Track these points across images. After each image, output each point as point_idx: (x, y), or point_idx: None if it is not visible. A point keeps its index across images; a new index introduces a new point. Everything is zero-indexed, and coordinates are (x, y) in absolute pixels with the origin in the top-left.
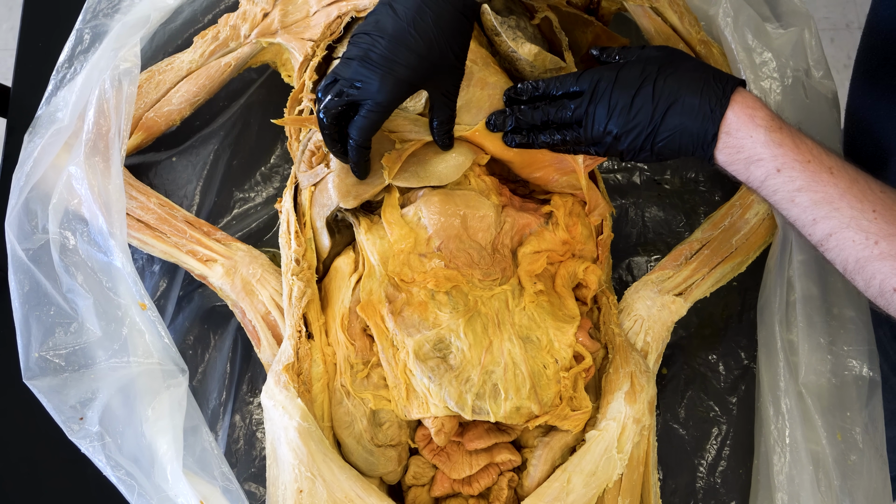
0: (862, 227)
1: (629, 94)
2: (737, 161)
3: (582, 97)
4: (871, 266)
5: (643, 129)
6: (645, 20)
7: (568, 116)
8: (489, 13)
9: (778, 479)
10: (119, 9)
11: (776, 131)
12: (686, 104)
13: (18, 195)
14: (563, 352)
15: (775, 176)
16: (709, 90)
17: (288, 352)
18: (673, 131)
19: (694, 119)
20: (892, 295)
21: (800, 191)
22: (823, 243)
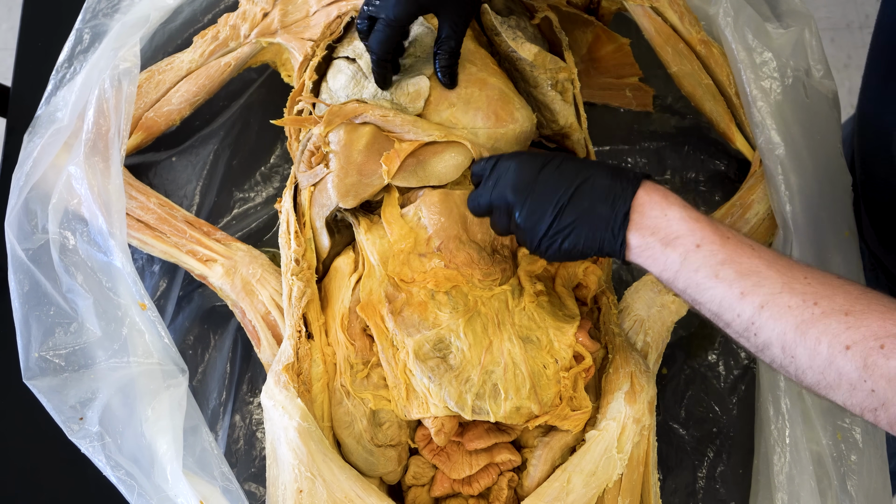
0: (796, 291)
1: (534, 170)
2: (651, 247)
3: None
4: (814, 328)
5: (550, 208)
6: (645, 20)
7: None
8: (489, 13)
9: (778, 479)
10: (119, 8)
11: (690, 209)
12: (596, 186)
13: (18, 195)
14: (563, 352)
15: (695, 252)
16: (619, 172)
17: (288, 352)
18: (581, 212)
19: (604, 200)
20: (843, 356)
21: (723, 264)
22: (755, 320)
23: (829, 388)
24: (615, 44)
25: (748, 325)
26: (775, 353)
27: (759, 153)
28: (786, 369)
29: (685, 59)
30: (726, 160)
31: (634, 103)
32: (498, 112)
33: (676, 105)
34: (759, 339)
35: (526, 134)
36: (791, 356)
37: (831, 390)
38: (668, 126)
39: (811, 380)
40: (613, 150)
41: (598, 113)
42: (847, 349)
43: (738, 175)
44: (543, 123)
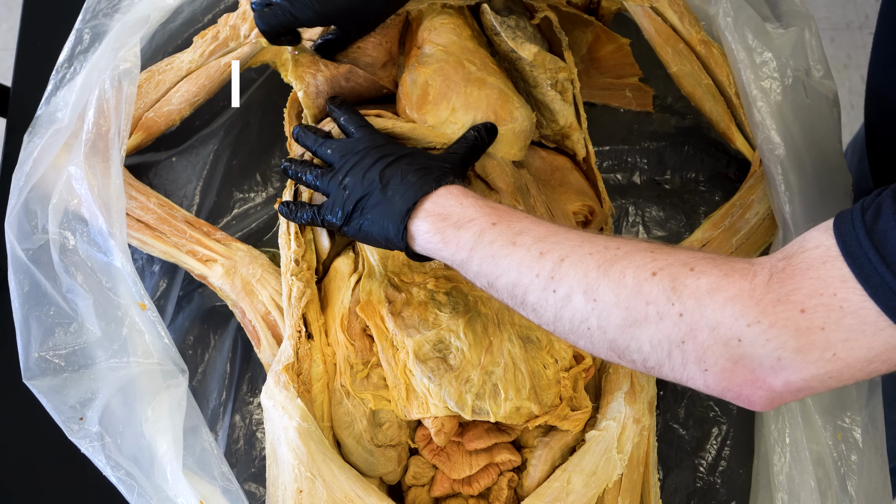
0: (597, 242)
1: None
2: (442, 231)
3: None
4: (618, 265)
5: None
6: (645, 20)
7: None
8: (489, 13)
9: (778, 479)
10: (119, 8)
11: (489, 202)
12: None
13: (18, 195)
14: (563, 352)
15: (491, 229)
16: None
17: (288, 352)
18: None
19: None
20: (650, 282)
21: (520, 234)
22: (555, 273)
23: (636, 324)
24: (615, 44)
25: (548, 281)
26: (577, 304)
27: (759, 153)
28: (588, 322)
29: (685, 59)
30: (726, 160)
31: (634, 103)
32: (497, 111)
33: (676, 105)
34: (559, 294)
35: (525, 133)
36: (594, 300)
37: (638, 326)
38: (668, 126)
39: (616, 320)
40: (613, 150)
41: (598, 113)
42: (654, 275)
43: (738, 175)
44: (543, 123)
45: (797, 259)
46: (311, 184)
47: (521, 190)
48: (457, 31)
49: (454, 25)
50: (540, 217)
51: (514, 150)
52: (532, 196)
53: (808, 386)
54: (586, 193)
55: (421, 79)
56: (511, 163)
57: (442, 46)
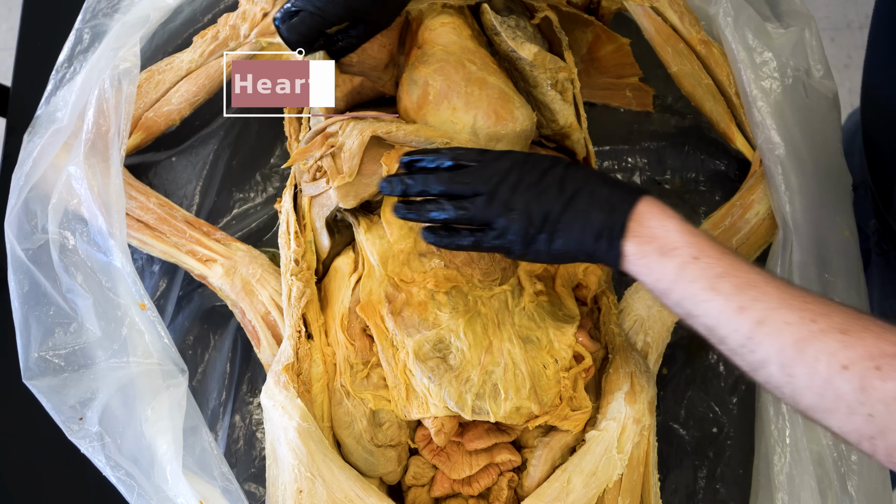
0: (794, 307)
1: (538, 171)
2: (647, 255)
3: (481, 167)
4: (812, 346)
5: (546, 213)
6: (645, 20)
7: (465, 186)
8: (489, 13)
9: (778, 479)
10: (119, 8)
11: (688, 224)
12: (595, 194)
13: (18, 195)
14: (563, 352)
15: (693, 263)
16: (618, 185)
17: (287, 352)
18: (575, 218)
19: (602, 208)
20: (841, 377)
21: (720, 277)
22: (753, 335)
23: (827, 412)
24: (615, 44)
25: (745, 340)
26: (772, 371)
27: (759, 153)
28: (781, 389)
29: (685, 59)
30: (726, 160)
31: (634, 103)
32: (498, 111)
33: (676, 105)
34: (755, 356)
35: (526, 133)
36: (789, 375)
37: (829, 413)
38: (668, 126)
39: (808, 401)
40: (613, 150)
41: (598, 113)
42: (845, 369)
43: (738, 175)
44: (543, 123)
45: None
46: (458, 218)
47: None
48: (457, 31)
49: (454, 25)
50: (727, 249)
51: (515, 150)
52: None
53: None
54: None
55: (421, 79)
56: None
57: (442, 46)
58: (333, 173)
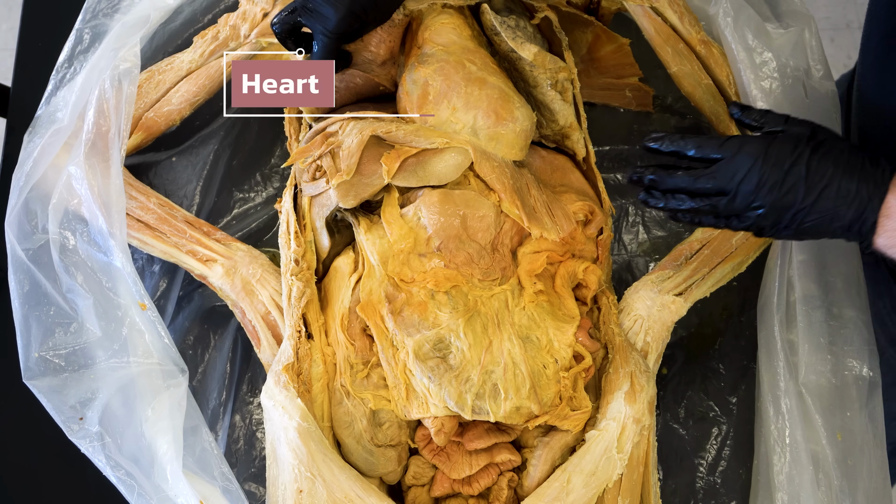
0: None
1: (780, 170)
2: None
3: (721, 166)
4: None
5: (792, 210)
6: (645, 20)
7: (706, 187)
8: (489, 13)
9: (778, 479)
10: (119, 9)
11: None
12: (842, 189)
13: (18, 195)
14: (563, 352)
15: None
16: (865, 175)
17: (288, 352)
18: (823, 214)
19: (849, 205)
20: None
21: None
22: None
23: None
24: (615, 44)
25: None
26: None
27: None
28: None
29: (685, 59)
30: None
31: (634, 103)
32: (498, 111)
33: (676, 105)
34: None
35: (526, 132)
36: None
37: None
38: (668, 126)
39: None
40: (613, 150)
41: (598, 113)
42: None
43: None
44: (543, 123)
45: None
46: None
47: (521, 190)
48: (457, 31)
49: (454, 25)
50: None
51: (515, 150)
52: (532, 196)
53: None
54: (586, 193)
55: (421, 78)
56: (511, 163)
57: (442, 46)
58: (333, 172)
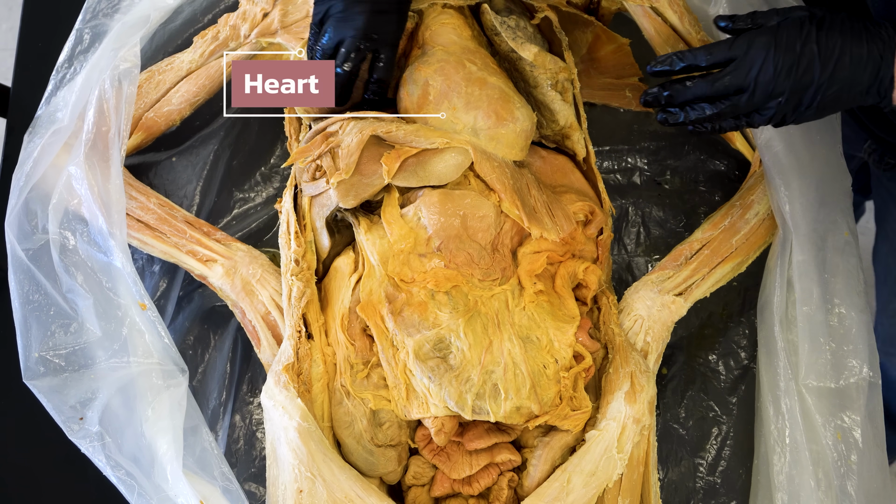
0: None
1: (793, 54)
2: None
3: (736, 65)
4: None
5: (812, 88)
6: (645, 20)
7: (725, 87)
8: (489, 13)
9: (778, 479)
10: (119, 9)
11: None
12: (854, 55)
13: (18, 195)
14: (563, 352)
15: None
16: (872, 37)
17: (288, 352)
18: (842, 84)
19: (864, 68)
20: None
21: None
22: None
23: None
24: (615, 44)
25: None
26: None
27: (759, 153)
28: None
29: None
30: (726, 160)
31: (634, 103)
32: (498, 111)
33: None
34: None
35: (526, 133)
36: None
37: None
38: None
39: None
40: (613, 150)
41: (598, 113)
42: None
43: (738, 175)
44: (543, 123)
45: None
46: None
47: (521, 190)
48: (457, 32)
49: (454, 25)
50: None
51: (515, 150)
52: (532, 196)
53: None
54: (586, 193)
55: (421, 78)
56: (512, 163)
57: (442, 46)
58: (332, 172)
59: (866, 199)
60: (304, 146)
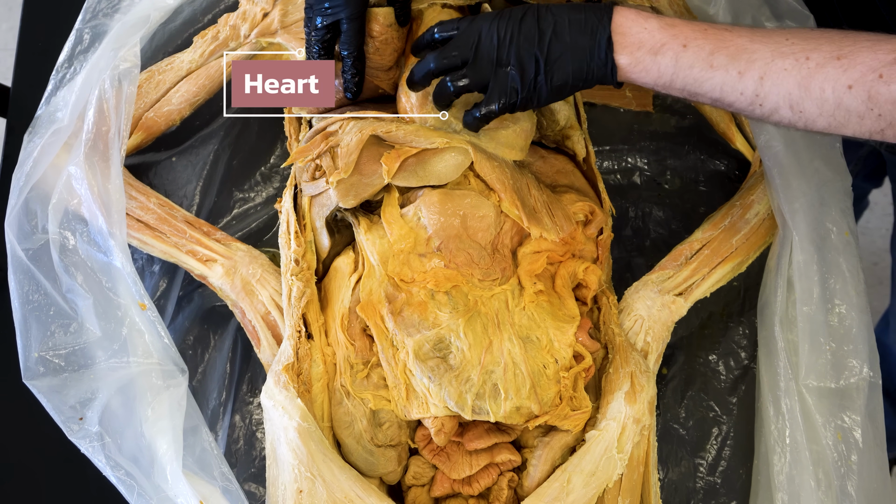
0: (785, 54)
1: (515, 21)
2: (642, 60)
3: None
4: (815, 81)
5: (536, 57)
6: None
7: (453, 56)
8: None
9: (778, 479)
10: (119, 9)
11: (664, 18)
12: (572, 21)
13: (18, 195)
14: (563, 352)
15: (684, 52)
16: (589, 8)
17: (287, 352)
18: (564, 50)
19: (583, 32)
20: (848, 95)
21: (713, 53)
22: (759, 91)
23: (840, 126)
24: None
25: (752, 98)
26: (784, 114)
27: (759, 153)
28: (795, 125)
29: None
30: (726, 160)
31: (634, 103)
32: None
33: (676, 105)
34: (765, 107)
35: (526, 132)
36: (799, 111)
37: (842, 127)
38: (668, 126)
39: (822, 124)
40: (613, 150)
41: (598, 113)
42: (850, 88)
43: (738, 175)
44: (543, 123)
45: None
46: (461, 87)
47: (521, 190)
48: None
49: None
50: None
51: (515, 149)
52: (532, 196)
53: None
54: (586, 193)
55: None
56: (512, 163)
57: None
58: (332, 172)
59: (875, 185)
60: (304, 146)
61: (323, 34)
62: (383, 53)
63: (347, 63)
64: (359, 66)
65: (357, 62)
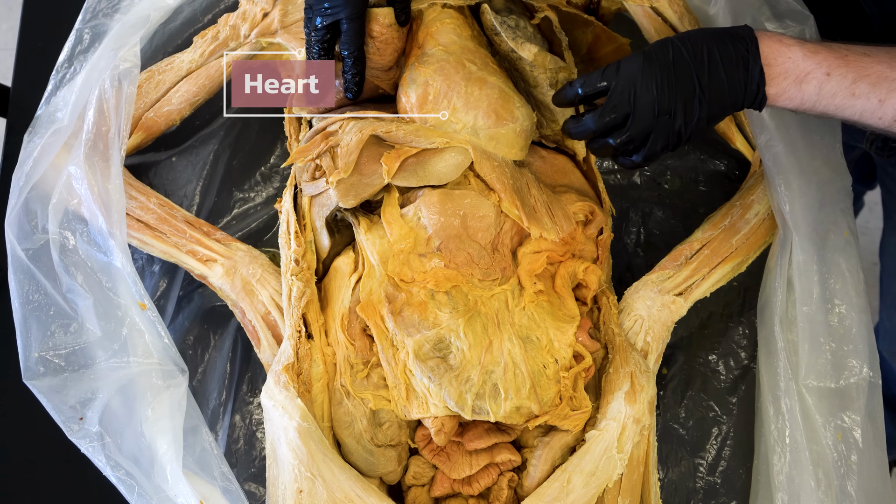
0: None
1: (667, 64)
2: (787, 90)
3: (616, 90)
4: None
5: (696, 94)
6: (645, 20)
7: (614, 116)
8: (489, 13)
9: (778, 479)
10: (119, 8)
11: (805, 45)
12: (723, 55)
13: (18, 195)
14: (563, 351)
15: (828, 81)
16: (732, 38)
17: (288, 352)
18: (722, 88)
19: (736, 66)
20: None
21: (855, 82)
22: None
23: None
24: (615, 44)
25: (891, 122)
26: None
27: (759, 153)
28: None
29: None
30: (726, 160)
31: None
32: (498, 111)
33: None
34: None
35: (526, 132)
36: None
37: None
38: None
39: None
40: None
41: None
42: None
43: (738, 175)
44: (543, 123)
45: None
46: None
47: (520, 190)
48: (457, 31)
49: (454, 25)
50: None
51: (515, 149)
52: (532, 196)
53: None
54: (586, 193)
55: (421, 78)
56: (512, 162)
57: (442, 46)
58: (332, 171)
59: (868, 188)
60: (304, 146)
61: (323, 34)
62: (383, 53)
63: (347, 63)
64: (359, 66)
65: (357, 62)
